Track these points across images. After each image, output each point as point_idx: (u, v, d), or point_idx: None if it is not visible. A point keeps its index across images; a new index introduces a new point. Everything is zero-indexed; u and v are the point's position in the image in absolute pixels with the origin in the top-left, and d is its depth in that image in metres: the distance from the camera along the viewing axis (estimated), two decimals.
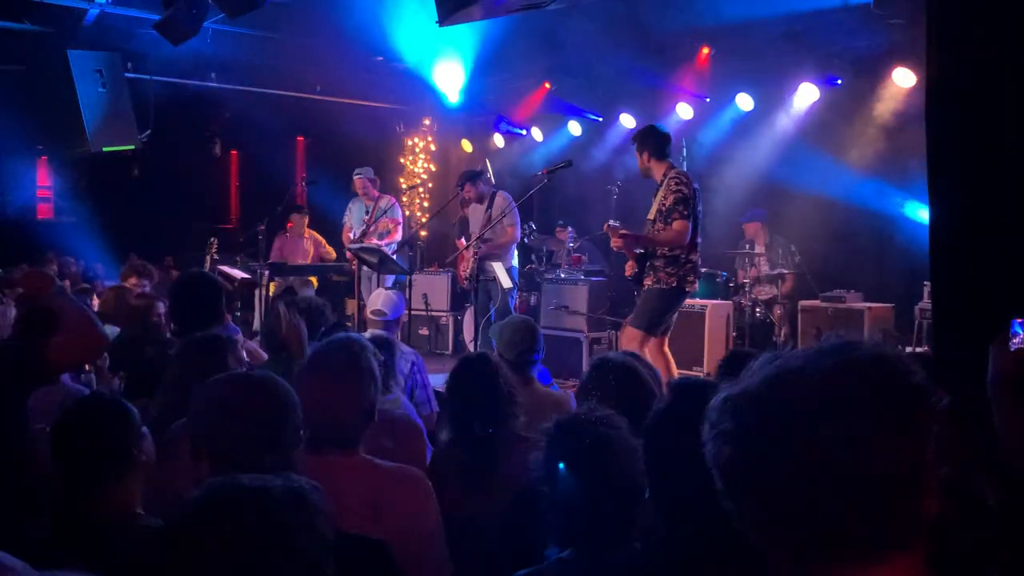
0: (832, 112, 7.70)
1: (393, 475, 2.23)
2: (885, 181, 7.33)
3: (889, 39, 7.11)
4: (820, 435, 0.91)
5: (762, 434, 0.94)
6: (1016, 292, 3.44)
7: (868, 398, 0.93)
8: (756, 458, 0.94)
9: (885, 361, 0.96)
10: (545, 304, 8.28)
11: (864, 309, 6.63)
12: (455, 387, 2.88)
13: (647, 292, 5.66)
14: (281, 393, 1.85)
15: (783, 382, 0.96)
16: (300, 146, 13.37)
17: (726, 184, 8.19)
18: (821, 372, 0.95)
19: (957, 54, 3.70)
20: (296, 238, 9.42)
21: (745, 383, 1.00)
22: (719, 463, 0.97)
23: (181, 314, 3.50)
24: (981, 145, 3.65)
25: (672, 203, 5.47)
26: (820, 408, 0.92)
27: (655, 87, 8.94)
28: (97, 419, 2.26)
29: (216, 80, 9.89)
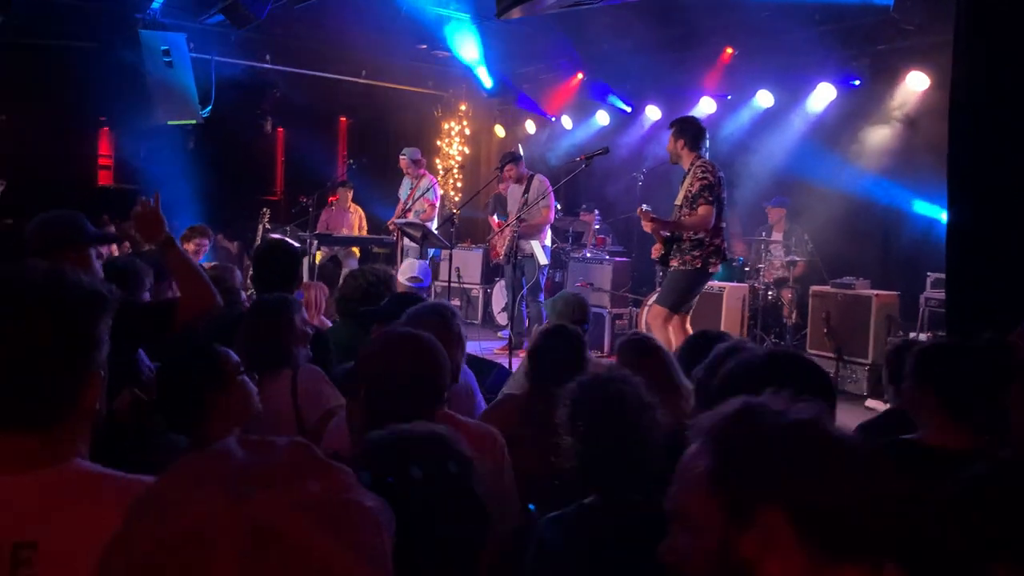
0: (847, 111, 7.68)
1: (473, 431, 2.31)
2: (894, 178, 7.32)
3: (905, 43, 7.07)
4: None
5: None
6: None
7: None
8: None
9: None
10: (571, 281, 8.34)
11: (871, 296, 6.64)
12: (544, 350, 2.90)
13: (673, 273, 5.71)
14: (440, 353, 1.92)
15: None
16: (342, 126, 13.39)
17: (743, 176, 8.19)
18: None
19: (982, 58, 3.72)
20: (341, 211, 9.49)
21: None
22: None
23: (263, 278, 3.56)
24: (1001, 146, 3.68)
25: (698, 189, 5.53)
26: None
27: (680, 82, 8.93)
28: (195, 363, 2.33)
29: (270, 62, 9.94)
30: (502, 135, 11.36)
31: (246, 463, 0.74)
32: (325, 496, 0.72)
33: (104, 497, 1.21)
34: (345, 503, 0.73)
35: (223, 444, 0.77)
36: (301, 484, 0.72)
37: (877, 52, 7.38)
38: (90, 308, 1.28)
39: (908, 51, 7.09)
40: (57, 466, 1.23)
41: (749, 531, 0.99)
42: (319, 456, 0.77)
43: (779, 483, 0.99)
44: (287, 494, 0.70)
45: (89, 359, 1.27)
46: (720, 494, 1.01)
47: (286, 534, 0.68)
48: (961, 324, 3.79)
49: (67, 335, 1.24)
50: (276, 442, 0.78)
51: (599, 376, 2.04)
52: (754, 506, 1.00)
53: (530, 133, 10.81)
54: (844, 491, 0.99)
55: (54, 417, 1.24)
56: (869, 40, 7.42)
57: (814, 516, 0.98)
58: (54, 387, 1.24)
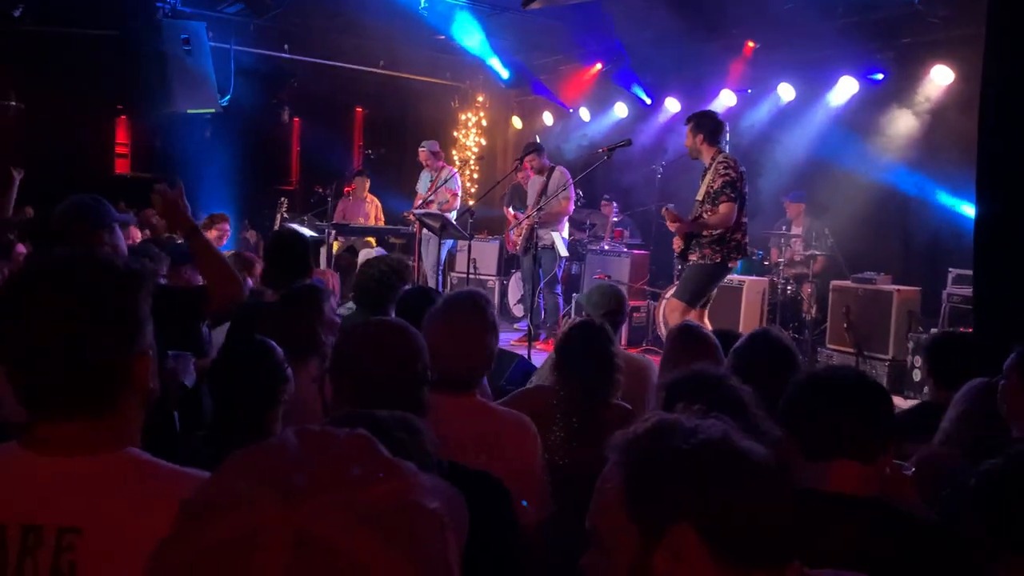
0: (869, 104, 7.64)
1: (505, 418, 2.33)
2: (916, 172, 7.29)
3: (930, 36, 7.03)
4: None
5: None
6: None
7: None
8: None
9: None
10: (588, 274, 8.35)
11: (892, 291, 6.62)
12: (568, 345, 2.92)
13: (692, 267, 5.71)
14: (413, 336, 1.94)
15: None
16: (358, 116, 13.43)
17: (763, 170, 8.17)
18: None
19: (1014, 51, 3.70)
20: (358, 201, 9.52)
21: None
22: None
23: (274, 267, 3.59)
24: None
25: (720, 186, 5.50)
26: None
27: (700, 75, 8.91)
28: (256, 360, 2.38)
29: (288, 51, 9.97)
30: (519, 127, 11.37)
31: (301, 460, 0.70)
32: (381, 500, 0.68)
33: (152, 488, 1.22)
34: (405, 508, 0.69)
35: (280, 436, 0.74)
36: (356, 486, 0.68)
37: (901, 45, 7.34)
38: (131, 287, 1.28)
39: (933, 44, 7.05)
40: (110, 453, 1.23)
41: (661, 547, 1.03)
42: (380, 451, 0.74)
43: (688, 501, 1.03)
44: (339, 497, 0.67)
45: (136, 339, 1.27)
46: (632, 511, 1.05)
47: (334, 544, 0.65)
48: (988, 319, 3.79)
49: (112, 317, 1.25)
50: (335, 435, 0.74)
51: (707, 371, 2.02)
52: (665, 523, 1.03)
53: (547, 125, 10.81)
54: (750, 505, 1.03)
55: (107, 401, 1.24)
56: (893, 33, 7.37)
57: (723, 531, 1.02)
58: (104, 371, 1.24)
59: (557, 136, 10.56)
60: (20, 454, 1.22)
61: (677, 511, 1.02)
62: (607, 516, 1.08)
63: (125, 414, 1.27)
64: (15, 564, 1.17)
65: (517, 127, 11.41)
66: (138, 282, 1.29)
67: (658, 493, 1.04)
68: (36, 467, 1.21)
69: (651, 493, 1.05)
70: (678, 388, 2.07)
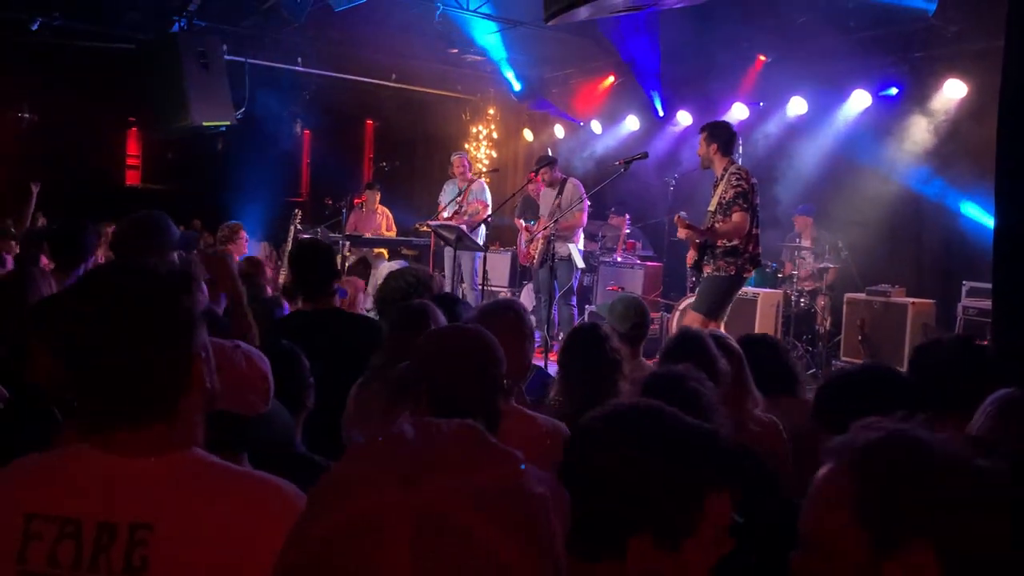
0: (882, 118, 7.70)
1: (541, 425, 2.38)
2: (930, 185, 7.36)
3: (944, 50, 7.11)
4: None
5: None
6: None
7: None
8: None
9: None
10: (601, 286, 8.42)
11: (907, 304, 6.68)
12: (568, 350, 3.01)
13: (708, 279, 5.75)
14: (493, 344, 2.00)
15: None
16: (369, 129, 13.56)
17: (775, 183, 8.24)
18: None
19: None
20: (369, 213, 9.61)
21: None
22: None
23: (303, 277, 3.63)
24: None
25: (732, 196, 5.53)
26: None
27: (712, 88, 8.99)
28: (284, 366, 2.45)
29: (302, 64, 10.09)
30: (530, 139, 11.46)
31: (418, 447, 0.77)
32: (493, 483, 0.74)
33: (218, 486, 1.28)
34: (514, 491, 0.74)
35: (398, 427, 0.80)
36: (470, 470, 0.74)
37: (915, 59, 7.41)
38: (184, 289, 1.33)
39: (947, 58, 7.13)
40: (177, 453, 1.28)
41: (893, 561, 1.02)
42: (489, 440, 0.79)
43: (934, 518, 1.01)
44: (455, 480, 0.73)
45: (192, 341, 1.32)
46: (867, 522, 1.04)
47: (454, 521, 0.70)
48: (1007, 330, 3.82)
49: (172, 321, 1.30)
50: (443, 426, 0.80)
51: (674, 371, 2.11)
52: (904, 538, 1.02)
53: (559, 138, 10.90)
54: (992, 529, 1.02)
55: (171, 403, 1.29)
56: (906, 47, 7.45)
57: (962, 553, 1.01)
58: (169, 374, 1.29)
59: (568, 149, 10.65)
60: (91, 454, 1.27)
61: (919, 527, 1.01)
62: (831, 523, 1.07)
63: (188, 415, 1.32)
64: (89, 559, 1.22)
65: (528, 140, 11.50)
66: (189, 284, 1.35)
67: (901, 507, 1.03)
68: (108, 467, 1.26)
69: (893, 506, 1.03)
70: (653, 385, 2.13)
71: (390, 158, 10.93)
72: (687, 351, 2.69)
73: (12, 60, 9.23)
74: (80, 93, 9.80)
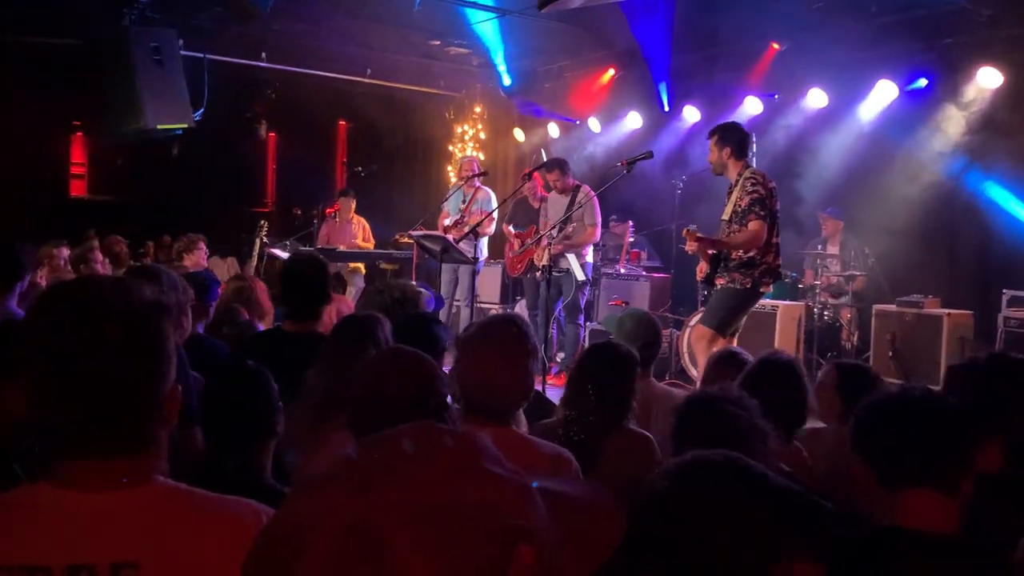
0: (910, 111, 7.76)
1: (544, 451, 2.38)
2: (964, 185, 7.41)
3: (976, 36, 7.17)
4: None
5: None
6: None
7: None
8: None
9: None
10: (604, 300, 8.42)
11: (942, 315, 6.71)
12: (586, 370, 3.00)
13: (720, 291, 5.76)
14: (429, 366, 2.02)
15: None
16: (341, 131, 13.58)
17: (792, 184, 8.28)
18: None
19: None
20: (343, 223, 9.61)
21: None
22: None
23: (294, 296, 3.63)
24: None
25: (748, 204, 5.56)
26: None
27: (722, 80, 9.05)
28: (250, 386, 2.47)
29: (266, 60, 10.11)
30: (521, 140, 11.50)
31: (405, 458, 0.79)
32: (448, 504, 0.75)
33: (198, 517, 1.31)
34: (470, 517, 0.75)
35: (396, 431, 0.83)
36: (427, 489, 0.75)
37: (944, 46, 7.47)
38: (163, 318, 1.35)
39: (980, 44, 7.18)
40: (144, 485, 1.30)
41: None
42: (481, 457, 0.81)
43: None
44: (405, 495, 0.75)
45: (169, 373, 1.35)
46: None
47: (377, 535, 0.73)
48: None
49: (152, 351, 1.32)
50: (443, 437, 0.82)
51: (709, 394, 2.11)
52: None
53: (553, 137, 10.94)
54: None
55: (144, 437, 1.32)
56: (934, 33, 7.50)
57: None
58: (145, 407, 1.31)
59: (564, 150, 10.67)
60: (49, 492, 1.28)
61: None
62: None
63: (157, 447, 1.35)
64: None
65: (519, 140, 11.54)
66: (166, 313, 1.37)
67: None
68: (72, 504, 1.26)
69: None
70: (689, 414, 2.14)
71: (365, 162, 10.90)
72: (774, 379, 2.67)
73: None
74: (18, 94, 9.75)
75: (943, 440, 1.85)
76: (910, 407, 1.89)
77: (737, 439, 2.02)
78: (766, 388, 2.55)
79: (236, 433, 2.42)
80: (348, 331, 2.87)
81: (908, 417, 1.88)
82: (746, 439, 2.06)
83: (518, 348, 2.28)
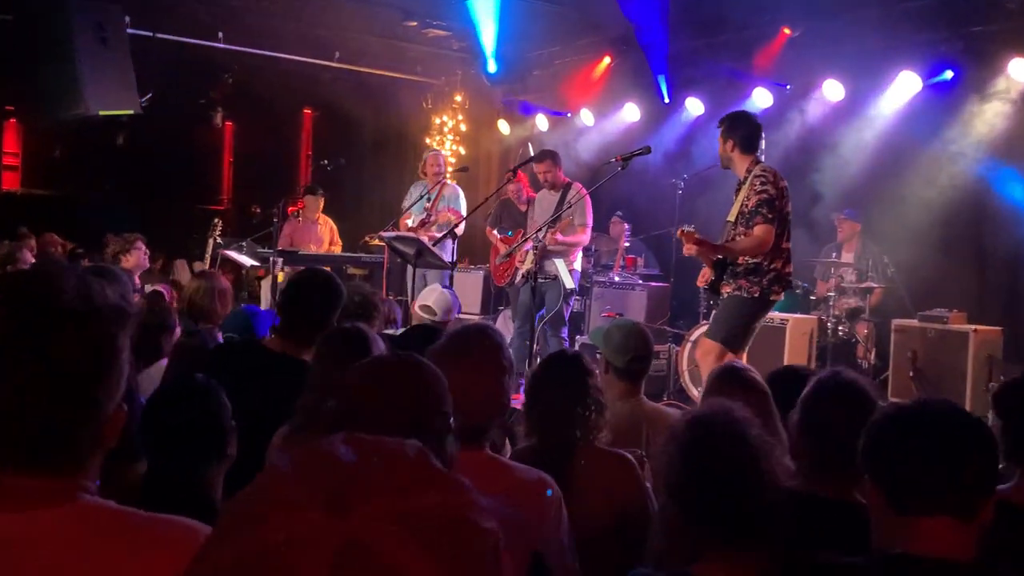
0: (935, 106, 7.82)
1: (522, 476, 2.39)
2: (992, 188, 7.48)
3: (1007, 24, 7.25)
4: None
5: None
6: None
7: None
8: None
9: None
10: (595, 311, 8.44)
11: (969, 331, 6.75)
12: (538, 385, 3.00)
13: (726, 301, 5.77)
14: (432, 377, 2.01)
15: None
16: (307, 120, 13.59)
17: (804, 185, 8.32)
18: None
19: None
20: (309, 223, 9.60)
21: None
22: None
23: (298, 313, 3.64)
24: None
25: (755, 205, 5.54)
26: None
27: (728, 69, 9.11)
28: (199, 402, 2.46)
29: (223, 40, 10.10)
30: (506, 132, 11.54)
31: (352, 468, 0.81)
32: (434, 512, 0.79)
33: (133, 536, 1.30)
34: (456, 523, 0.80)
35: (330, 442, 0.85)
36: (408, 496, 0.79)
37: (971, 35, 7.55)
38: (120, 328, 1.34)
39: (1010, 33, 7.26)
40: (71, 504, 1.29)
41: None
42: (433, 463, 0.85)
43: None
44: (388, 507, 0.77)
45: (118, 389, 1.34)
46: None
47: (380, 554, 0.74)
48: None
49: (98, 360, 1.30)
50: (387, 444, 0.85)
51: (712, 412, 2.11)
52: None
53: (542, 130, 10.98)
54: None
55: (78, 459, 1.31)
56: (960, 21, 7.59)
57: None
58: (82, 423, 1.30)
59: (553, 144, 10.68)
60: None
61: None
62: None
63: (89, 470, 1.35)
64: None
65: (504, 133, 11.57)
66: (127, 322, 1.36)
67: None
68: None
69: None
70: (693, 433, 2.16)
71: (332, 155, 10.88)
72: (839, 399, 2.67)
73: None
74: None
75: (966, 462, 1.83)
76: (928, 422, 1.87)
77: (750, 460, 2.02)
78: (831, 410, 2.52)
79: (182, 455, 2.41)
80: (337, 347, 2.87)
81: (926, 434, 1.85)
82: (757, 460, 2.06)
83: (491, 361, 2.29)
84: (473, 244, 10.85)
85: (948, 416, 1.90)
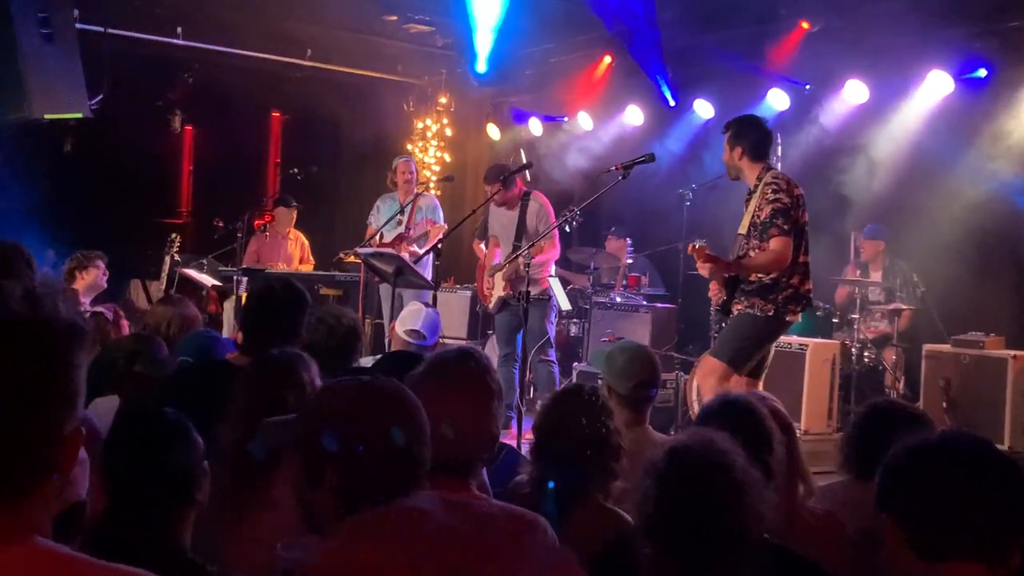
0: (968, 108, 7.87)
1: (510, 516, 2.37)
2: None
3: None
4: None
5: None
6: None
7: None
8: None
9: None
10: (594, 335, 8.44)
11: (1007, 358, 6.78)
12: (549, 419, 3.04)
13: (736, 318, 5.77)
14: (414, 406, 2.03)
15: None
16: (275, 123, 13.60)
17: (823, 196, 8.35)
18: None
19: None
20: (278, 238, 9.60)
21: None
22: None
23: (263, 326, 3.71)
24: None
25: (769, 215, 5.57)
26: None
27: (740, 68, 9.15)
28: (166, 443, 2.44)
29: (183, 36, 10.12)
30: (496, 137, 11.57)
31: (444, 531, 0.84)
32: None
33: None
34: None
35: (421, 501, 0.88)
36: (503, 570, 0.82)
37: (1007, 31, 7.60)
38: (72, 342, 1.34)
39: None
40: (20, 544, 1.28)
41: None
42: (544, 534, 0.86)
43: None
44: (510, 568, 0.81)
45: (74, 410, 1.34)
46: None
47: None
48: None
49: (53, 377, 1.31)
50: (488, 508, 0.88)
51: (694, 442, 2.14)
52: None
53: (535, 135, 11.02)
54: None
55: (28, 487, 1.30)
56: (995, 16, 7.65)
57: None
58: (33, 447, 1.30)
59: (548, 150, 10.74)
60: None
61: None
62: None
63: (42, 498, 1.33)
64: None
65: (494, 138, 11.61)
66: (83, 339, 1.36)
67: None
68: None
69: None
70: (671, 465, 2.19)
71: (303, 163, 10.89)
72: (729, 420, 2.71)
73: None
74: None
75: (999, 505, 1.83)
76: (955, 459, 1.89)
77: (731, 496, 2.06)
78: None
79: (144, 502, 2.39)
80: (261, 375, 2.88)
81: (954, 472, 1.87)
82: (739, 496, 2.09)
83: (478, 387, 2.29)
84: (459, 261, 10.86)
85: (979, 452, 1.90)
